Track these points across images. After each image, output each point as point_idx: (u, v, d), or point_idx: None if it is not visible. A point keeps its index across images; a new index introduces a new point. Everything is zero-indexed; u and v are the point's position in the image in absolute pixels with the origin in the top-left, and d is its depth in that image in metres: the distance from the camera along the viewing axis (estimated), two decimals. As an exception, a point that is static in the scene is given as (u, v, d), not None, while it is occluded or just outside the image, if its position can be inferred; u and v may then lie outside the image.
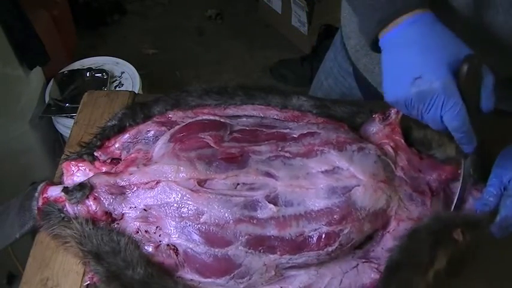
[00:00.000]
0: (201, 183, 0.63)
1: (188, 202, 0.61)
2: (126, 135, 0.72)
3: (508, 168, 0.65)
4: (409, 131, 0.72)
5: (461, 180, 0.67)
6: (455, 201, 0.67)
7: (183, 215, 0.61)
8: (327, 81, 1.07)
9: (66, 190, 0.63)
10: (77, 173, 0.69)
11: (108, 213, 0.64)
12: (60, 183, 0.69)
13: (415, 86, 0.57)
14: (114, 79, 1.70)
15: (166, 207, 0.62)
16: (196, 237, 0.61)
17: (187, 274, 0.61)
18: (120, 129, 0.74)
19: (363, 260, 0.63)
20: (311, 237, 0.60)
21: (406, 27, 0.59)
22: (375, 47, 0.64)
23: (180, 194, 0.62)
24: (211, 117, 0.73)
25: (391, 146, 0.69)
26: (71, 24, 2.23)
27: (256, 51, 2.56)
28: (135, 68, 1.74)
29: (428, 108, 0.58)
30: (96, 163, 0.70)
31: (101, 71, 1.68)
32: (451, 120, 0.58)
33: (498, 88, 0.84)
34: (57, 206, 0.65)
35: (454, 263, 0.62)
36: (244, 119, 0.74)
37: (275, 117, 0.75)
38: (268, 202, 0.61)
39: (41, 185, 0.67)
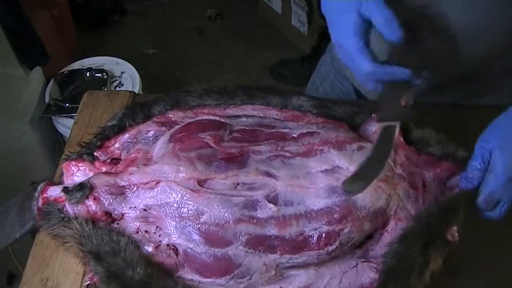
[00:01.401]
0: (201, 183, 0.63)
1: (188, 202, 0.61)
2: (126, 135, 0.72)
3: (489, 141, 0.64)
4: (408, 131, 0.72)
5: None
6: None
7: (183, 215, 0.61)
8: (323, 86, 1.07)
9: (66, 190, 0.63)
10: (77, 173, 0.69)
11: (108, 213, 0.64)
12: (60, 183, 0.69)
13: None
14: (114, 79, 1.70)
15: (166, 207, 0.62)
16: (196, 237, 0.61)
17: (187, 274, 0.61)
18: (120, 129, 0.74)
19: (362, 260, 0.63)
20: (311, 237, 0.60)
21: None
22: None
23: (180, 194, 0.62)
24: (211, 117, 0.73)
25: (391, 145, 0.69)
26: (71, 24, 2.24)
27: (256, 51, 2.56)
28: (135, 68, 1.74)
29: None
30: (96, 163, 0.70)
31: (101, 71, 1.68)
32: None
33: (471, 83, 0.85)
34: (57, 206, 0.65)
35: (452, 261, 0.62)
36: (244, 119, 0.74)
37: (275, 117, 0.75)
38: (268, 202, 0.61)
39: (41, 185, 0.67)
